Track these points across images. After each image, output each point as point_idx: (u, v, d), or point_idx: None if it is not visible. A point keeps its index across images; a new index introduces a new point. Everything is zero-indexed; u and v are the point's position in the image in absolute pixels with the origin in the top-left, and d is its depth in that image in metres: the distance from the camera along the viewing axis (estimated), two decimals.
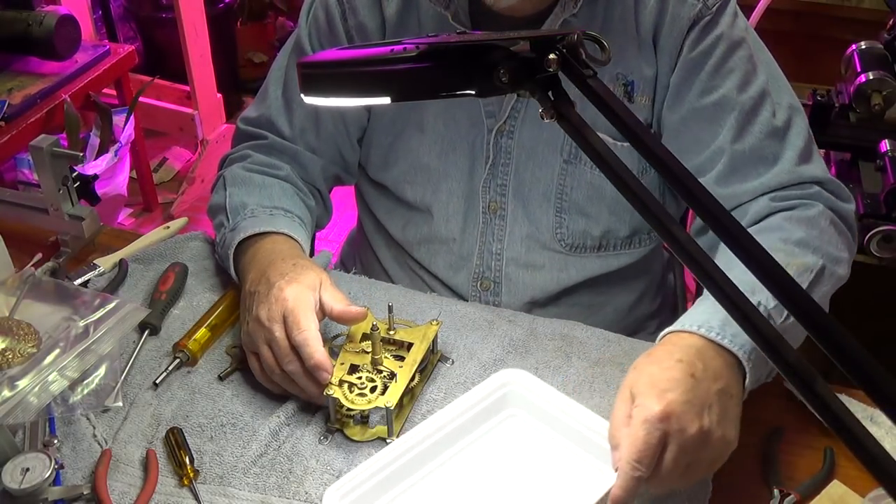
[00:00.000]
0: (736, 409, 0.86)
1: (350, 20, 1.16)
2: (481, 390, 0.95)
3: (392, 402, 0.93)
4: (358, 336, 1.02)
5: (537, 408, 0.95)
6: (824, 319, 0.57)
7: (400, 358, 0.99)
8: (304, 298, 0.97)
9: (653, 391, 0.81)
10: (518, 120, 1.14)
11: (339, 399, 0.94)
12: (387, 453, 0.88)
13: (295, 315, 0.95)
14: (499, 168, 1.18)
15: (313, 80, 0.77)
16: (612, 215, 1.18)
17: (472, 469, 0.92)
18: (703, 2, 1.06)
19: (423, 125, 1.18)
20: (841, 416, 0.54)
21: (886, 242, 1.51)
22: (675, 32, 1.07)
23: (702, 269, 0.62)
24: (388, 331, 1.02)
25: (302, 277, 1.00)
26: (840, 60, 1.72)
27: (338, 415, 0.97)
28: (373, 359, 0.98)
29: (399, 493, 0.89)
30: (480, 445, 0.94)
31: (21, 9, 2.19)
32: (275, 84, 1.24)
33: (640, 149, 0.68)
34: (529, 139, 1.15)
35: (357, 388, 0.95)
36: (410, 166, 1.22)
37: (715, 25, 1.07)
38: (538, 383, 0.95)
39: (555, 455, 0.93)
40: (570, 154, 1.15)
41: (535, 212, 1.19)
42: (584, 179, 1.16)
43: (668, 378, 0.83)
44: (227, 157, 1.27)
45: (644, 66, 1.09)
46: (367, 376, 0.96)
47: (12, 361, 0.99)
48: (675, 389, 0.81)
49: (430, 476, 0.91)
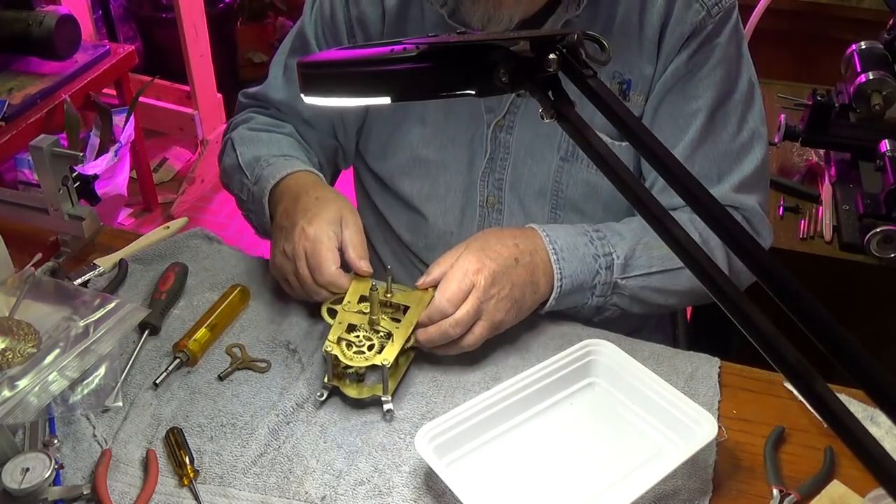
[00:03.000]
0: (530, 303, 1.05)
1: (352, 9, 1.18)
2: (566, 356, 1.01)
3: (388, 359, 0.96)
4: (356, 297, 1.05)
5: (620, 378, 1.00)
6: (825, 319, 0.57)
7: (396, 320, 1.02)
8: (324, 239, 1.04)
9: (479, 252, 1.02)
10: (517, 115, 1.15)
11: (337, 356, 0.97)
12: (473, 406, 0.94)
13: (316, 257, 1.03)
14: (497, 162, 1.18)
15: (313, 80, 0.77)
16: (606, 213, 1.19)
17: (549, 431, 0.97)
18: (706, 10, 1.07)
19: (424, 117, 1.19)
20: (841, 416, 0.54)
21: (886, 242, 1.51)
22: (677, 35, 1.07)
23: (703, 271, 0.62)
24: (385, 293, 1.05)
25: (324, 213, 1.06)
26: (840, 60, 1.72)
27: (335, 370, 1.00)
28: (370, 319, 1.01)
29: (479, 445, 0.94)
30: (560, 409, 0.99)
31: (21, 9, 2.19)
32: (276, 66, 1.29)
33: (642, 150, 0.68)
34: (527, 135, 1.16)
35: (355, 346, 0.99)
36: (409, 158, 1.22)
37: (715, 36, 1.08)
38: (622, 355, 1.01)
39: (632, 426, 0.97)
40: (567, 152, 1.15)
41: (531, 207, 1.20)
42: (580, 177, 1.16)
43: (497, 249, 1.03)
44: (232, 122, 1.33)
45: (644, 66, 1.10)
46: (364, 335, 1.00)
47: (12, 361, 0.99)
48: (496, 260, 1.01)
49: (509, 433, 0.96)
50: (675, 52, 1.08)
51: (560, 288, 1.06)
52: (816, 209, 1.67)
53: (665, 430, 0.95)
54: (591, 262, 1.07)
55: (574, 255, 1.07)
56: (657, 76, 1.11)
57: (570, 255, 1.06)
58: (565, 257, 1.06)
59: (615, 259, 1.08)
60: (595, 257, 1.08)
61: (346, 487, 0.91)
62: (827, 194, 1.68)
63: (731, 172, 1.13)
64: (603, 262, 1.08)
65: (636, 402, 0.98)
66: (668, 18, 1.07)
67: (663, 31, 1.08)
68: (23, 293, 1.09)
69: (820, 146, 1.74)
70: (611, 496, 0.88)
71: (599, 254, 1.08)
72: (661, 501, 0.90)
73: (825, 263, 1.58)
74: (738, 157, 1.13)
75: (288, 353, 1.07)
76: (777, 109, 1.91)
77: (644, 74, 1.11)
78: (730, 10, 1.09)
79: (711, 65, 1.09)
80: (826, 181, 1.72)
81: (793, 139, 1.69)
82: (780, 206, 1.68)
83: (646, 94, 1.12)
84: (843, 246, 1.58)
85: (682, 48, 1.08)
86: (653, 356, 1.07)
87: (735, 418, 1.00)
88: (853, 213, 1.60)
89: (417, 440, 0.89)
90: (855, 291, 1.58)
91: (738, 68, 1.12)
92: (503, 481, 0.91)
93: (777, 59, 2.57)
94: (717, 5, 1.07)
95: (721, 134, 1.12)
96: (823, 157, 1.78)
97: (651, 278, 1.10)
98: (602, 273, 1.08)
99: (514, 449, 0.95)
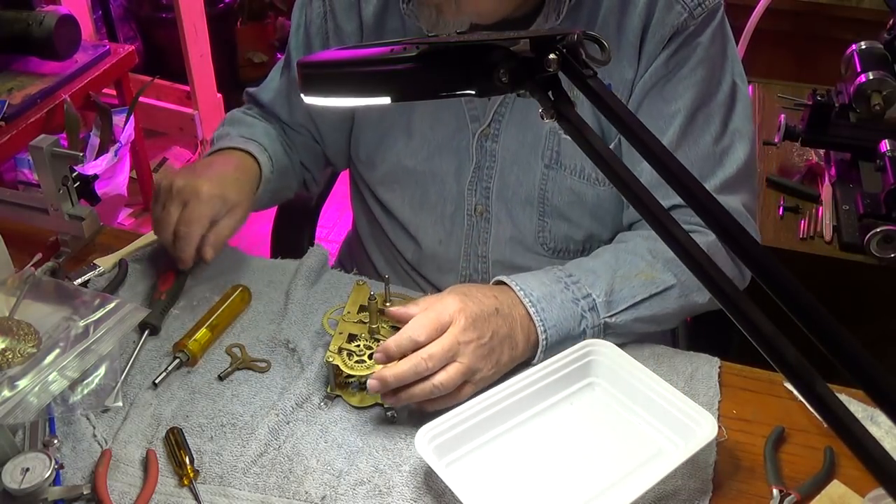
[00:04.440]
0: (507, 359, 0.99)
1: (329, 23, 1.19)
2: (565, 356, 1.00)
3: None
4: (356, 307, 1.05)
5: (619, 378, 1.00)
6: (825, 319, 0.57)
7: (396, 328, 1.02)
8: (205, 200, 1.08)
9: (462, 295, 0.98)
10: (502, 124, 1.14)
11: (338, 366, 0.98)
12: (473, 406, 0.94)
13: (191, 210, 1.08)
14: (483, 171, 1.18)
15: (313, 80, 0.77)
16: (594, 220, 1.18)
17: (549, 431, 0.97)
18: (689, 11, 1.05)
19: (410, 128, 1.19)
20: (841, 416, 0.54)
21: (886, 242, 1.51)
22: (658, 38, 1.06)
23: (704, 272, 0.62)
24: (384, 302, 1.05)
25: (221, 185, 1.11)
26: (840, 60, 1.72)
27: (337, 380, 1.00)
28: (370, 328, 1.02)
29: (479, 445, 0.94)
30: (560, 409, 0.99)
31: (21, 9, 2.18)
32: (275, 70, 1.32)
33: (642, 151, 0.68)
34: (513, 143, 1.15)
35: (356, 355, 0.99)
36: (395, 168, 1.22)
37: (696, 36, 1.06)
38: (622, 355, 1.00)
39: (632, 426, 0.97)
40: (551, 159, 1.14)
41: (518, 215, 1.20)
42: (565, 185, 1.16)
43: (479, 297, 0.99)
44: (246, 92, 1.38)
45: (625, 69, 1.09)
46: (364, 344, 1.01)
47: (12, 361, 0.99)
48: (478, 305, 0.97)
49: (509, 433, 0.96)
50: (656, 54, 1.07)
51: (546, 341, 1.01)
52: (816, 209, 1.67)
53: (665, 430, 0.95)
54: (571, 307, 1.03)
55: (552, 303, 1.02)
56: (638, 79, 1.09)
57: (549, 305, 1.02)
58: (544, 307, 1.01)
59: (596, 299, 1.04)
60: (575, 301, 1.03)
61: (347, 487, 0.91)
62: (827, 194, 1.68)
63: (714, 174, 1.10)
64: (584, 304, 1.03)
65: (636, 402, 0.98)
66: (650, 21, 1.05)
67: (644, 34, 1.06)
68: (23, 293, 1.09)
69: (820, 146, 1.74)
70: (611, 496, 0.88)
71: (578, 297, 1.03)
72: (661, 501, 0.90)
73: (825, 263, 1.58)
74: (721, 159, 1.11)
75: (288, 353, 1.07)
76: (777, 109, 1.91)
77: (625, 78, 1.09)
78: (714, 11, 1.06)
79: (691, 65, 1.07)
80: (826, 181, 1.72)
81: (793, 139, 1.69)
82: (780, 206, 1.68)
83: (626, 98, 1.11)
84: (843, 246, 1.58)
85: (662, 49, 1.06)
86: (653, 356, 1.07)
87: (735, 418, 1.00)
88: (853, 213, 1.60)
89: (417, 440, 0.89)
90: (855, 291, 1.59)
91: (722, 69, 1.10)
92: (503, 481, 0.91)
93: (777, 59, 2.58)
94: (700, 6, 1.05)
95: (703, 135, 1.09)
96: (823, 157, 1.78)
97: (639, 308, 1.05)
98: (588, 317, 1.03)
99: (514, 449, 0.95)
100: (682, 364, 1.06)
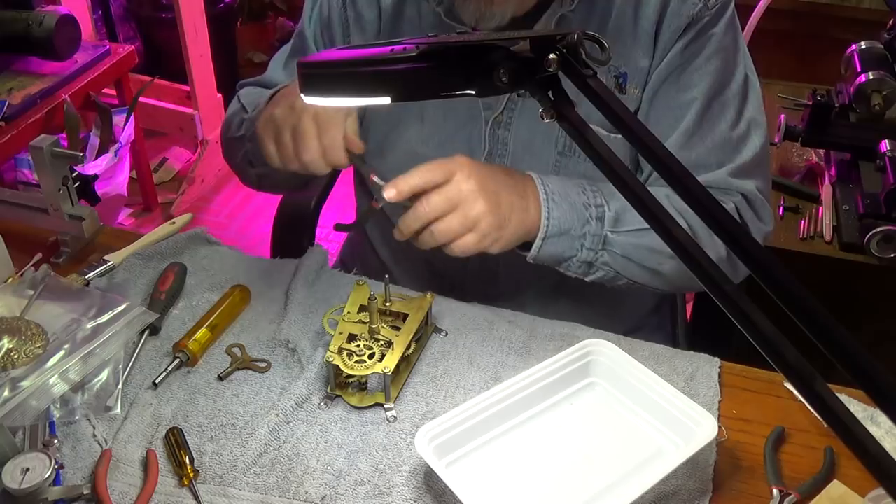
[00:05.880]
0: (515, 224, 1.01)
1: (349, 10, 1.19)
2: (566, 357, 1.00)
3: (389, 367, 0.97)
4: (356, 307, 1.05)
5: (619, 378, 1.00)
6: (825, 319, 0.57)
7: (396, 328, 1.03)
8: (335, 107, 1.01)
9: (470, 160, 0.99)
10: (515, 112, 1.15)
11: (338, 366, 0.98)
12: (473, 406, 0.94)
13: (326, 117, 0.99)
14: (495, 159, 1.18)
15: (313, 80, 0.77)
16: None
17: (550, 431, 0.97)
18: (703, 2, 1.08)
19: (422, 115, 1.19)
20: (841, 416, 0.54)
21: (886, 242, 1.51)
22: (673, 28, 1.08)
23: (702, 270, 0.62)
24: (384, 302, 1.06)
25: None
26: (840, 60, 1.72)
27: (337, 380, 1.00)
28: (370, 328, 1.02)
29: (479, 445, 0.94)
30: (560, 409, 0.99)
31: (21, 9, 2.18)
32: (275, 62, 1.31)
33: (642, 150, 0.68)
34: (526, 131, 1.16)
35: (356, 355, 0.99)
36: (407, 156, 1.22)
37: (711, 27, 1.09)
38: (622, 355, 1.00)
39: (632, 426, 0.97)
40: (566, 146, 1.15)
41: None
42: (578, 171, 1.16)
43: (490, 165, 1.02)
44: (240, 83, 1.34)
45: (640, 58, 1.11)
46: (365, 344, 1.01)
47: (17, 362, 0.99)
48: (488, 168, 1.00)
49: (509, 433, 0.96)
50: (672, 43, 1.09)
51: (547, 227, 1.03)
52: (816, 209, 1.67)
53: (665, 431, 0.95)
54: (581, 209, 1.06)
55: (565, 199, 1.05)
56: (653, 68, 1.11)
57: (561, 199, 1.04)
58: (556, 200, 1.04)
59: (606, 211, 1.06)
60: (586, 206, 1.06)
61: (346, 487, 0.91)
62: (827, 194, 1.68)
63: (730, 160, 1.13)
64: (594, 211, 1.06)
65: (636, 402, 0.98)
66: (665, 11, 1.08)
67: (660, 23, 1.08)
68: (37, 293, 1.09)
69: (820, 146, 1.74)
70: (611, 496, 0.88)
71: (591, 203, 1.06)
72: (661, 501, 0.90)
73: (825, 263, 1.58)
74: (737, 146, 1.13)
75: (288, 353, 1.07)
76: (777, 109, 1.91)
77: (640, 67, 1.11)
78: (726, 3, 1.09)
79: (707, 55, 1.09)
80: (826, 181, 1.72)
81: (793, 139, 1.69)
82: (780, 206, 1.68)
83: (642, 87, 1.12)
84: (843, 246, 1.58)
85: (677, 39, 1.09)
86: (653, 356, 1.07)
87: (735, 418, 1.00)
88: (853, 213, 1.60)
89: (417, 440, 0.89)
90: (855, 291, 1.58)
91: (735, 59, 1.12)
92: (503, 481, 0.91)
93: (777, 59, 2.57)
94: None
95: (718, 123, 1.12)
96: (823, 157, 1.78)
97: (644, 236, 1.07)
98: (592, 223, 1.06)
99: (514, 449, 0.95)
100: (682, 364, 1.06)
